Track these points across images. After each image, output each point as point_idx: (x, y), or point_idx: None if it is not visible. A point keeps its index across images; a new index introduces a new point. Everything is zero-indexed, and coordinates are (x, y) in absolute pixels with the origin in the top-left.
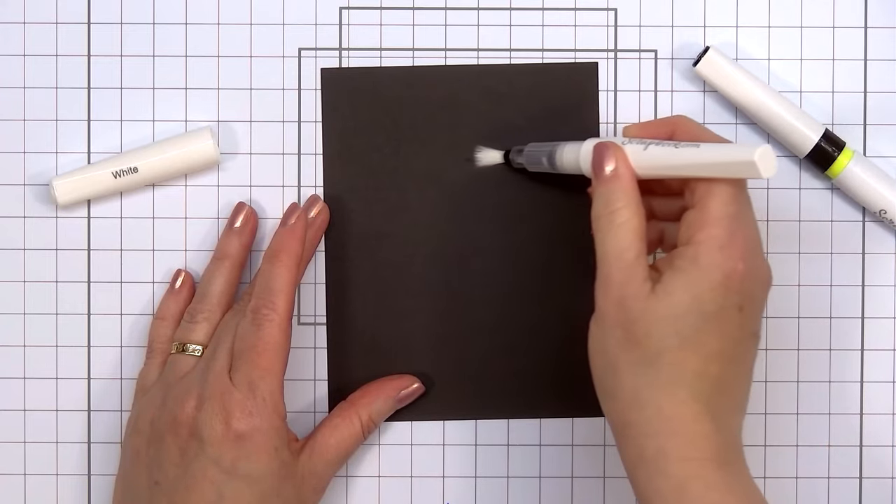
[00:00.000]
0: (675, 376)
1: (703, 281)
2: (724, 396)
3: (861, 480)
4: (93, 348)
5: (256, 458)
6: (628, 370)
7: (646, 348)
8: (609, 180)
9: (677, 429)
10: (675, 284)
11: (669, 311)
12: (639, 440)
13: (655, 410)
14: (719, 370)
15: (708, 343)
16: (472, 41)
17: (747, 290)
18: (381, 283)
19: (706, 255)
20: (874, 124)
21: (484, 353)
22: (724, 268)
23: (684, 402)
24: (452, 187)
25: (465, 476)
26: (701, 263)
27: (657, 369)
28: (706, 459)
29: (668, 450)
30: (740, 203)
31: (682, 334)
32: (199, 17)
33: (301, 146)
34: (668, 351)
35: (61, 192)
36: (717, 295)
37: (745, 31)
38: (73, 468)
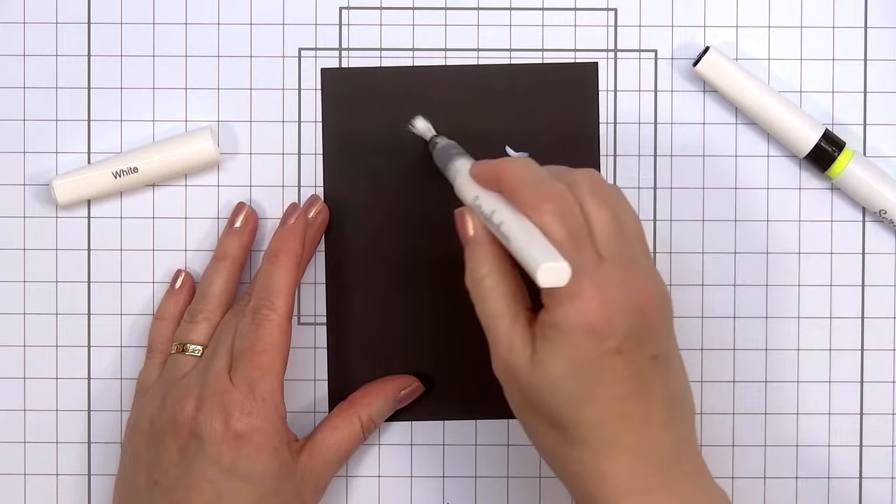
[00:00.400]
0: (581, 434)
1: (570, 344)
2: (632, 428)
3: (861, 480)
4: (93, 348)
5: (256, 457)
6: (540, 432)
7: (545, 414)
8: (472, 247)
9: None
10: (546, 355)
11: (550, 381)
12: (572, 487)
13: (576, 463)
14: (621, 410)
15: (598, 395)
16: (472, 41)
17: (622, 329)
18: (381, 283)
19: (563, 319)
20: (874, 124)
21: (484, 353)
22: (583, 326)
23: (598, 450)
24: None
25: (465, 476)
26: (562, 328)
27: (562, 430)
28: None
29: (597, 495)
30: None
31: (569, 398)
32: (199, 17)
33: (301, 146)
34: (563, 415)
35: (61, 192)
36: (587, 351)
37: (745, 31)
38: (73, 468)
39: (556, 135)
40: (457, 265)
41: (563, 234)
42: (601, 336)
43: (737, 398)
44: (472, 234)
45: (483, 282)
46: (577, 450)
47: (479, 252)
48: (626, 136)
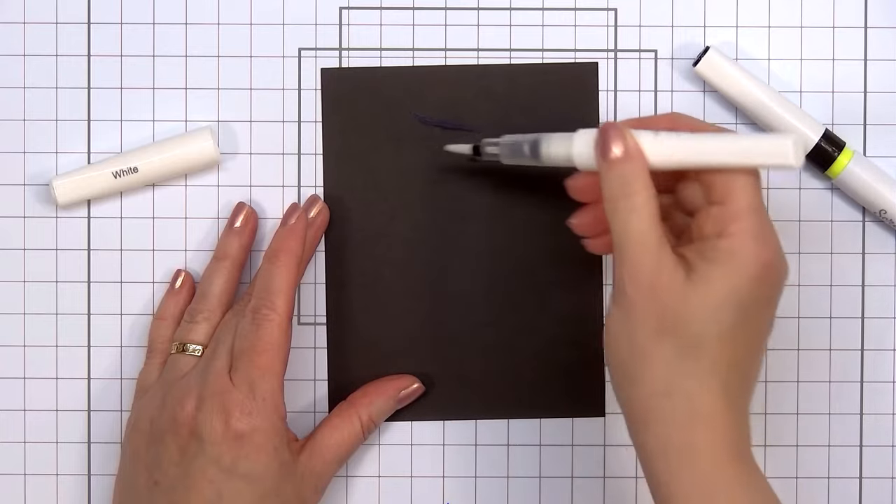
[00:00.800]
0: (712, 368)
1: (742, 272)
2: (747, 389)
3: (861, 480)
4: (93, 348)
5: (256, 457)
6: (660, 358)
7: (683, 338)
8: (621, 162)
9: (708, 421)
10: (712, 275)
11: (709, 302)
12: (664, 430)
13: (685, 400)
14: (748, 362)
15: (743, 334)
16: (472, 41)
17: (776, 282)
18: (381, 283)
19: (743, 247)
20: (874, 124)
21: (484, 353)
22: (761, 259)
23: (716, 394)
24: (452, 187)
25: (465, 476)
26: (738, 255)
27: (693, 359)
28: (731, 458)
29: (697, 443)
30: (760, 196)
31: (721, 325)
32: (199, 17)
33: (301, 146)
34: (707, 342)
35: (61, 192)
36: (754, 287)
37: (745, 31)
38: (73, 468)
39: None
40: (457, 265)
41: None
42: (767, 279)
43: None
44: (621, 148)
45: (633, 198)
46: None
47: (634, 166)
48: None
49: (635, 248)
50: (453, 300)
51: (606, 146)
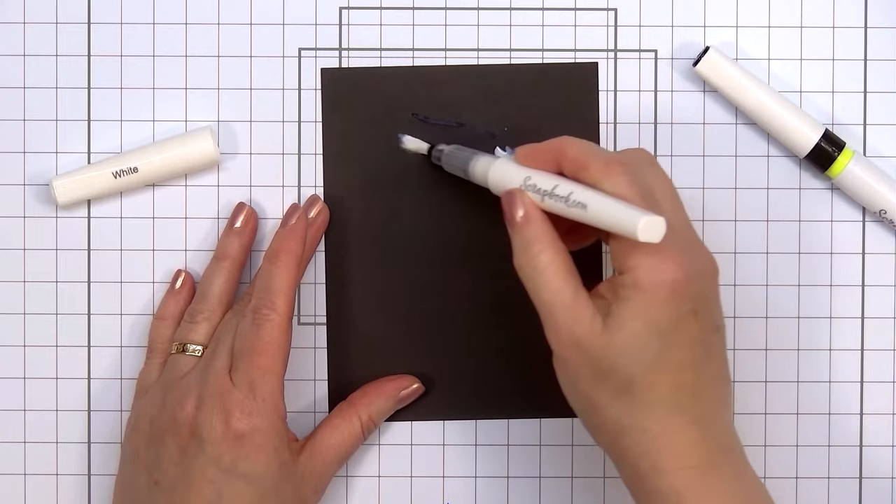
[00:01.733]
0: (651, 398)
1: (651, 303)
2: (704, 399)
3: (861, 480)
4: (93, 348)
5: (256, 457)
6: (605, 403)
7: (616, 381)
8: (522, 227)
9: (665, 443)
10: (625, 315)
11: (628, 344)
12: (632, 462)
13: (640, 432)
14: (692, 377)
15: (674, 357)
16: (472, 41)
17: (695, 291)
18: (381, 283)
19: (643, 278)
20: (874, 124)
21: (484, 353)
22: (664, 284)
23: (665, 418)
24: (452, 187)
25: (465, 476)
26: (642, 286)
27: (632, 397)
28: (698, 467)
29: (659, 464)
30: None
31: (645, 359)
32: (199, 17)
33: (301, 146)
34: (637, 378)
35: (61, 192)
36: (668, 311)
37: (745, 31)
38: (73, 468)
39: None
40: (457, 265)
41: (638, 196)
42: (681, 295)
43: (737, 398)
44: (521, 213)
45: (538, 258)
46: (645, 419)
47: (533, 229)
48: (626, 136)
49: (550, 308)
50: (453, 300)
51: (510, 214)
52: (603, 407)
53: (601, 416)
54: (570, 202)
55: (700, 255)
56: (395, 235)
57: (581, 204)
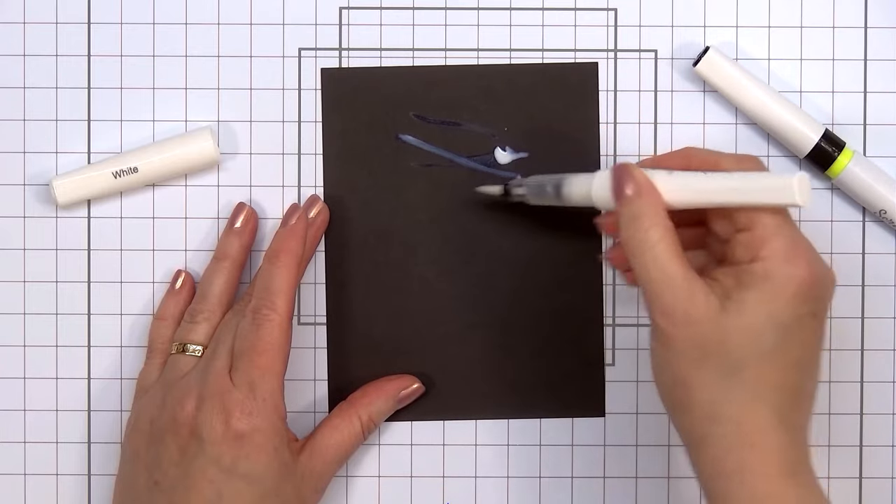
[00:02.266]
0: (755, 390)
1: (778, 294)
2: (799, 405)
3: (861, 480)
4: (93, 348)
5: (256, 457)
6: (704, 385)
7: (724, 363)
8: (633, 200)
9: (757, 442)
10: (749, 300)
11: (748, 328)
12: (717, 453)
13: (735, 425)
14: (797, 380)
15: (787, 354)
16: (472, 41)
17: (818, 296)
18: (381, 283)
19: (776, 269)
20: (874, 124)
21: (484, 353)
22: (795, 278)
23: (764, 415)
24: (452, 187)
25: (465, 476)
26: (772, 277)
27: (736, 384)
28: (784, 474)
29: (748, 464)
30: (785, 213)
31: (761, 348)
32: (199, 17)
33: (301, 146)
34: (748, 365)
35: (61, 192)
36: (792, 306)
37: (745, 31)
38: (73, 468)
39: (556, 135)
40: (457, 265)
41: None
42: (807, 296)
43: None
44: (632, 188)
45: (648, 233)
46: (744, 410)
47: (646, 203)
48: (626, 136)
49: (660, 283)
50: (453, 300)
51: (619, 187)
52: (701, 388)
53: (696, 398)
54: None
55: (825, 266)
56: (395, 235)
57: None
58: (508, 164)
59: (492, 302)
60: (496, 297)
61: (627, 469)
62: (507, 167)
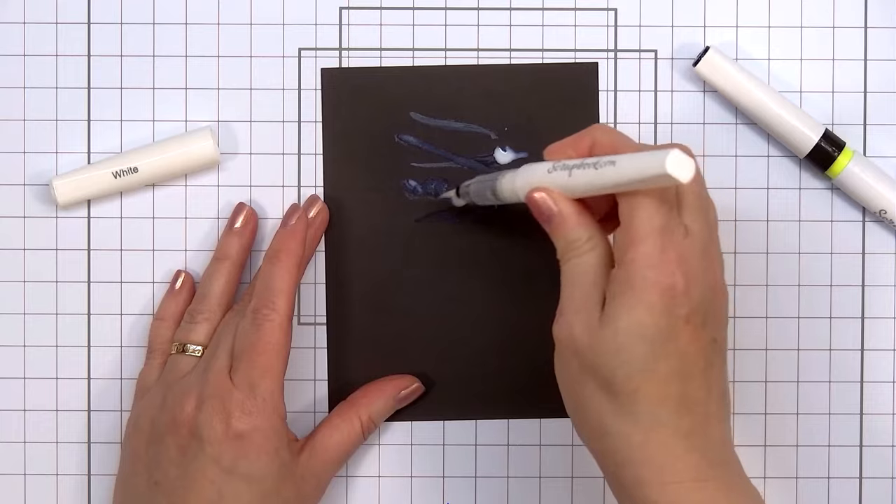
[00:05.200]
0: (634, 405)
1: (641, 304)
2: (692, 413)
3: (861, 480)
4: (93, 348)
5: (256, 457)
6: (590, 399)
7: (600, 378)
8: (558, 227)
9: (649, 456)
10: (616, 313)
11: (613, 341)
12: (613, 468)
13: (624, 439)
14: (680, 389)
15: (660, 367)
16: (472, 41)
17: (691, 299)
18: (381, 283)
19: (638, 276)
20: (874, 124)
21: (484, 353)
22: (659, 285)
23: (650, 428)
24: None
25: (465, 476)
26: (634, 285)
27: (617, 400)
28: (684, 482)
29: (643, 477)
30: (666, 214)
31: (630, 364)
32: (199, 17)
33: (301, 146)
34: (622, 382)
35: (61, 192)
36: (658, 315)
37: (745, 31)
38: (73, 468)
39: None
40: (457, 265)
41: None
42: (674, 300)
43: (737, 398)
44: (556, 207)
45: (578, 248)
46: (628, 424)
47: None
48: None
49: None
50: (453, 300)
51: (542, 217)
52: (588, 401)
53: (586, 411)
54: (599, 164)
55: (715, 268)
56: (395, 235)
57: (610, 162)
58: (508, 164)
59: (491, 302)
60: (496, 296)
61: None
62: (507, 167)
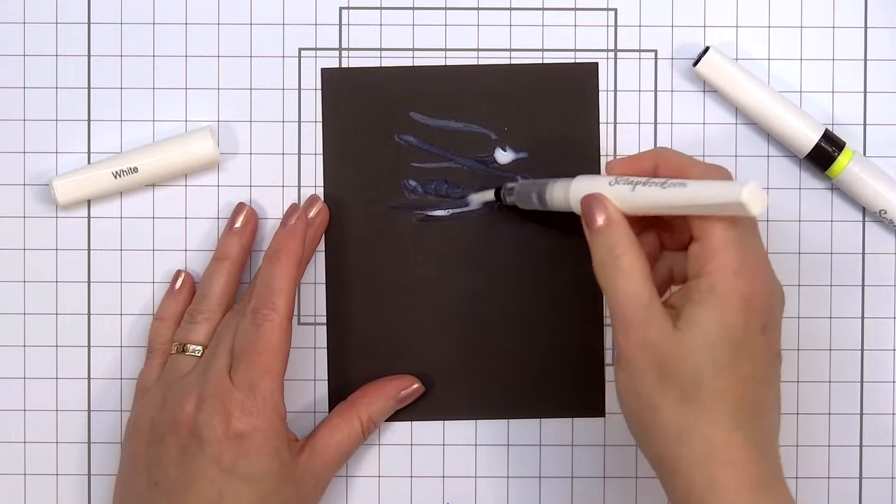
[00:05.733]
0: (717, 404)
1: (726, 308)
2: (762, 420)
3: (861, 480)
4: (93, 348)
5: (256, 457)
6: (668, 407)
7: (683, 383)
8: (603, 230)
9: (727, 457)
10: (698, 317)
11: (700, 343)
12: (688, 472)
13: (702, 441)
14: (755, 393)
15: (741, 367)
16: (472, 41)
17: (767, 310)
18: (381, 283)
19: (723, 283)
20: (874, 124)
21: (484, 353)
22: (742, 292)
23: (730, 429)
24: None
25: (465, 476)
26: (719, 292)
27: (698, 400)
28: (755, 487)
29: (719, 479)
30: (742, 226)
31: (716, 363)
32: (199, 17)
33: (301, 146)
34: (705, 381)
35: (61, 192)
36: (741, 320)
37: (745, 31)
38: (73, 468)
39: (556, 135)
40: (457, 265)
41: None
42: (753, 310)
43: None
44: (602, 218)
45: (620, 260)
46: (709, 425)
47: (615, 231)
48: (626, 136)
49: (625, 307)
50: (453, 300)
51: (591, 217)
52: (665, 411)
53: (662, 421)
54: (667, 185)
55: (775, 281)
56: (395, 235)
57: (680, 184)
58: (508, 164)
59: (492, 302)
60: (496, 297)
61: (627, 469)
62: (507, 167)
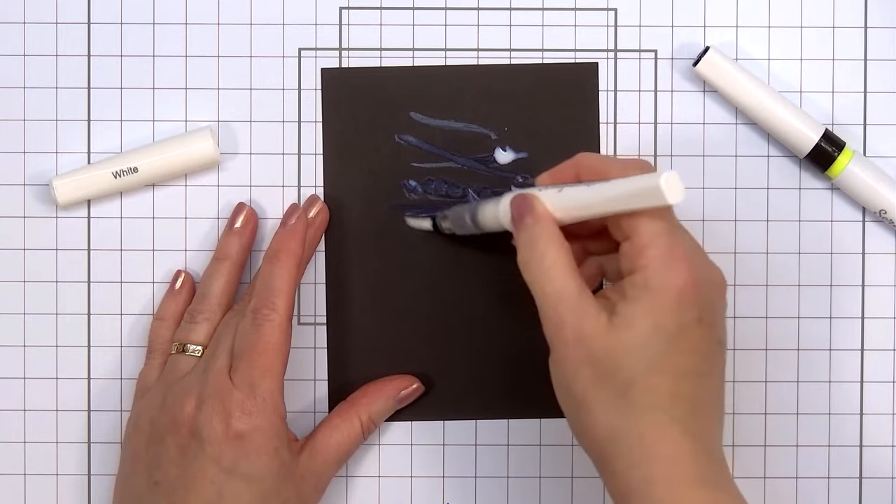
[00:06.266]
0: (651, 402)
1: (658, 303)
2: (700, 413)
3: (861, 480)
4: (93, 348)
5: (256, 457)
6: (601, 406)
7: (616, 381)
8: (529, 225)
9: (660, 453)
10: (632, 313)
11: (633, 341)
12: (623, 472)
13: (636, 439)
14: (692, 388)
15: (676, 363)
16: (472, 41)
17: (703, 300)
18: (381, 283)
19: (654, 278)
20: (874, 124)
21: (484, 354)
22: (674, 284)
23: (663, 426)
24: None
25: (465, 476)
26: (651, 287)
27: (631, 399)
28: (692, 482)
29: (653, 476)
30: (668, 218)
31: (650, 360)
32: (199, 17)
33: (301, 146)
34: (639, 379)
35: (61, 192)
36: (675, 313)
37: (745, 31)
38: (73, 468)
39: (556, 135)
40: (457, 265)
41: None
42: (688, 301)
43: (737, 398)
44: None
45: (545, 254)
46: (643, 423)
47: (538, 227)
48: (626, 136)
49: (554, 304)
50: (453, 300)
51: (518, 215)
52: (598, 409)
53: (595, 419)
54: (592, 183)
55: (710, 267)
56: (395, 235)
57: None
58: (508, 164)
59: (492, 302)
60: (496, 296)
61: None
62: (507, 167)
